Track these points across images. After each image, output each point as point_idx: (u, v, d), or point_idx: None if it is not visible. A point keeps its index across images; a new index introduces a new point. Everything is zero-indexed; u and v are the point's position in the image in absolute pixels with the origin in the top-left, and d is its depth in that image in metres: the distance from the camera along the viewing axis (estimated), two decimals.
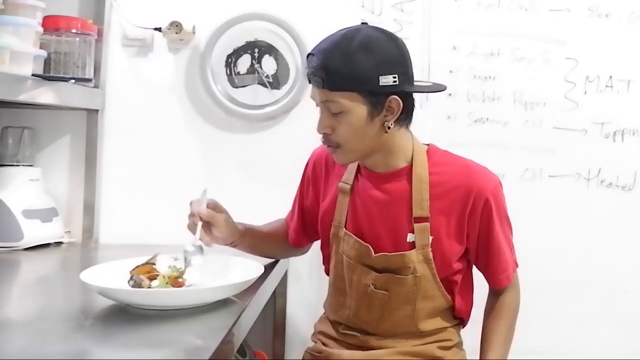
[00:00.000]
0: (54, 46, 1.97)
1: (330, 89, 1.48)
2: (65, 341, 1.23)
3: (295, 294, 2.25)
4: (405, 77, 1.50)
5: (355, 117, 1.49)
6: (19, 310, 1.51)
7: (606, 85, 2.18)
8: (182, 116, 2.26)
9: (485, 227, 1.57)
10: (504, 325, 1.65)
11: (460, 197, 1.55)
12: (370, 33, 1.50)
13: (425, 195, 1.55)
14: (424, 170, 1.57)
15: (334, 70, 1.46)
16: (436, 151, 1.62)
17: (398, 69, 1.49)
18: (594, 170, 2.20)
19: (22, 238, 2.00)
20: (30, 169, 2.13)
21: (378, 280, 1.58)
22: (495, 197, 1.57)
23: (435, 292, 1.59)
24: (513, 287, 1.67)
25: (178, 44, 2.24)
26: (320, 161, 1.72)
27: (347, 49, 1.46)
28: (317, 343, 1.73)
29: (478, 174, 1.58)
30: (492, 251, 1.60)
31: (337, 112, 1.50)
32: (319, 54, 1.49)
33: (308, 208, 1.76)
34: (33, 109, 2.19)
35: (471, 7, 2.19)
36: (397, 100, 1.49)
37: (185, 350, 1.20)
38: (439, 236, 1.56)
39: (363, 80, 1.46)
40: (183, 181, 2.24)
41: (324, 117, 1.53)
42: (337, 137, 1.52)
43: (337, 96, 1.48)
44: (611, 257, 2.19)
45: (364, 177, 1.62)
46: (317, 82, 1.50)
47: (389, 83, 1.47)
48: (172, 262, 1.52)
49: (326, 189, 1.70)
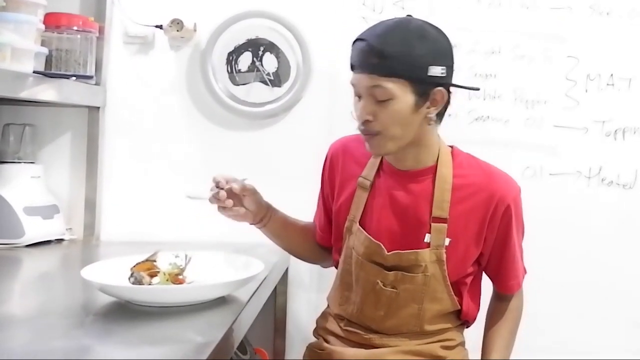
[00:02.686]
0: (55, 43, 1.98)
1: (381, 74, 1.46)
2: (66, 338, 1.23)
3: (296, 291, 2.25)
4: (451, 71, 1.52)
5: (402, 105, 1.48)
6: (20, 307, 1.51)
7: (607, 83, 2.18)
8: (183, 114, 2.26)
9: (503, 233, 1.58)
10: (508, 329, 1.66)
11: (482, 201, 1.55)
12: (422, 23, 1.51)
13: (447, 196, 1.55)
14: (448, 171, 1.56)
15: (391, 54, 1.45)
16: (460, 153, 1.61)
17: (447, 61, 1.50)
18: (595, 169, 2.20)
19: (23, 235, 2.01)
20: (31, 166, 2.14)
21: (387, 277, 1.57)
22: (516, 204, 1.58)
23: (444, 295, 1.58)
24: (520, 293, 1.68)
25: (179, 42, 2.24)
26: (337, 154, 1.71)
27: (406, 34, 1.46)
28: (319, 339, 1.73)
29: (501, 180, 1.58)
30: (506, 257, 1.61)
31: (383, 100, 1.48)
32: (374, 38, 1.46)
33: (329, 204, 1.75)
34: (34, 106, 2.19)
35: (472, 5, 2.19)
36: (442, 93, 1.50)
37: (185, 347, 1.19)
38: (456, 239, 1.55)
39: (415, 67, 1.46)
40: (184, 178, 2.24)
41: (367, 104, 1.50)
42: (378, 124, 1.50)
43: (387, 82, 1.46)
44: (612, 255, 2.19)
45: (386, 174, 1.61)
46: (368, 67, 1.47)
47: (437, 74, 1.47)
48: (172, 259, 1.52)
49: (343, 183, 1.68)
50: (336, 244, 1.71)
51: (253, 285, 1.55)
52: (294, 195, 1.86)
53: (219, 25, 2.21)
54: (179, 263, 1.51)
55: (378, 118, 1.49)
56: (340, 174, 1.69)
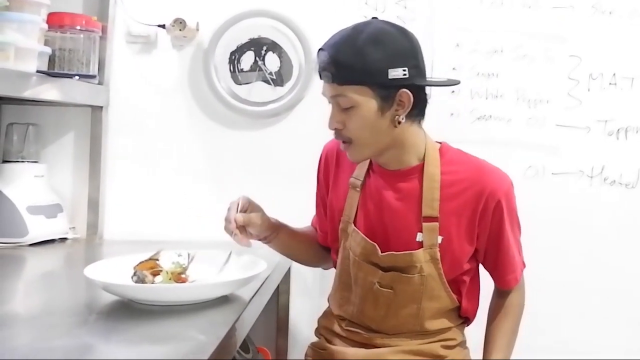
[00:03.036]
0: (58, 43, 1.98)
1: (340, 83, 1.48)
2: (69, 336, 1.23)
3: (299, 290, 2.25)
4: (417, 71, 1.49)
5: (366, 111, 1.48)
6: (23, 305, 1.52)
7: (610, 82, 2.18)
8: (185, 113, 2.27)
9: (496, 228, 1.57)
10: (509, 325, 1.65)
11: (472, 197, 1.54)
12: (380, 26, 1.50)
13: (436, 194, 1.54)
14: (435, 169, 1.56)
15: (344, 64, 1.46)
16: (448, 149, 1.60)
17: (408, 62, 1.48)
18: (597, 168, 2.20)
19: (27, 234, 2.01)
20: (35, 165, 2.14)
21: (384, 278, 1.57)
22: (507, 198, 1.56)
23: (442, 293, 1.58)
24: (520, 288, 1.67)
25: (182, 41, 2.25)
26: (332, 154, 1.71)
27: (356, 42, 1.46)
28: (320, 338, 1.73)
29: (491, 174, 1.57)
30: (501, 252, 1.60)
31: (347, 107, 1.49)
32: (329, 48, 1.49)
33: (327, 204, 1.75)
34: (38, 106, 2.20)
35: (474, 4, 2.19)
36: (408, 94, 1.49)
37: (188, 346, 1.20)
38: (449, 236, 1.55)
39: (372, 73, 1.46)
40: (186, 178, 2.25)
41: (335, 113, 1.52)
42: (348, 132, 1.51)
43: (347, 90, 1.48)
44: (614, 254, 2.19)
45: (376, 174, 1.61)
46: (327, 77, 1.50)
47: (398, 76, 1.46)
48: (175, 258, 1.52)
49: (337, 182, 1.69)
50: (333, 245, 1.71)
51: (255, 284, 1.55)
52: (296, 194, 1.86)
53: (222, 24, 2.21)
54: (182, 262, 1.51)
55: (347, 125, 1.51)
56: (333, 174, 1.70)
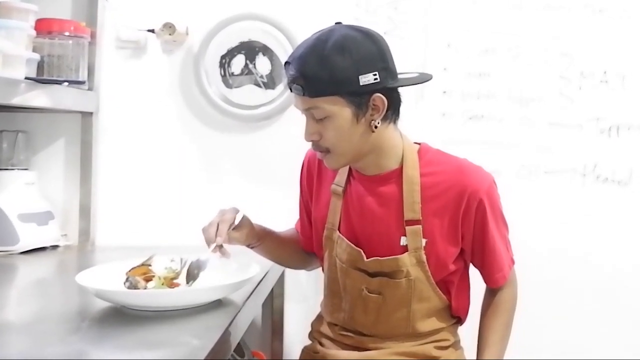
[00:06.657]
0: (47, 49, 1.97)
1: (311, 95, 1.45)
2: (62, 343, 1.22)
3: (293, 293, 2.24)
4: (387, 73, 1.46)
5: (341, 121, 1.46)
6: (16, 313, 1.51)
7: (601, 80, 2.19)
8: (176, 117, 2.26)
9: (480, 227, 1.55)
10: (500, 322, 1.64)
11: (454, 198, 1.52)
12: (345, 32, 1.46)
13: (417, 197, 1.53)
14: (414, 171, 1.54)
15: (312, 76, 1.43)
16: (428, 150, 1.59)
17: (377, 65, 1.45)
18: (590, 166, 2.20)
19: (18, 242, 2.00)
20: (25, 173, 2.13)
21: (371, 284, 1.56)
22: (489, 197, 1.54)
23: (431, 294, 1.58)
24: (510, 284, 1.66)
25: (172, 45, 2.24)
26: (313, 161, 1.70)
27: (322, 52, 1.42)
28: (314, 342, 1.72)
29: (471, 174, 1.55)
30: (487, 251, 1.59)
31: (322, 118, 1.46)
32: (295, 61, 1.45)
33: (310, 210, 1.74)
34: (27, 113, 2.19)
35: (466, 4, 2.19)
36: (381, 98, 1.46)
37: (181, 351, 1.19)
38: (433, 238, 1.54)
39: (343, 82, 1.43)
40: (178, 182, 2.25)
41: (310, 124, 1.49)
42: (325, 142, 1.49)
43: (320, 102, 1.45)
44: (608, 252, 2.19)
45: (356, 180, 1.60)
46: (298, 90, 1.46)
47: (369, 81, 1.43)
48: (168, 263, 1.52)
49: (319, 189, 1.68)
50: (318, 252, 1.70)
51: (249, 288, 1.54)
52: (287, 196, 1.85)
53: (212, 28, 2.21)
54: (174, 267, 1.51)
55: (323, 136, 1.49)
56: (316, 182, 1.69)
